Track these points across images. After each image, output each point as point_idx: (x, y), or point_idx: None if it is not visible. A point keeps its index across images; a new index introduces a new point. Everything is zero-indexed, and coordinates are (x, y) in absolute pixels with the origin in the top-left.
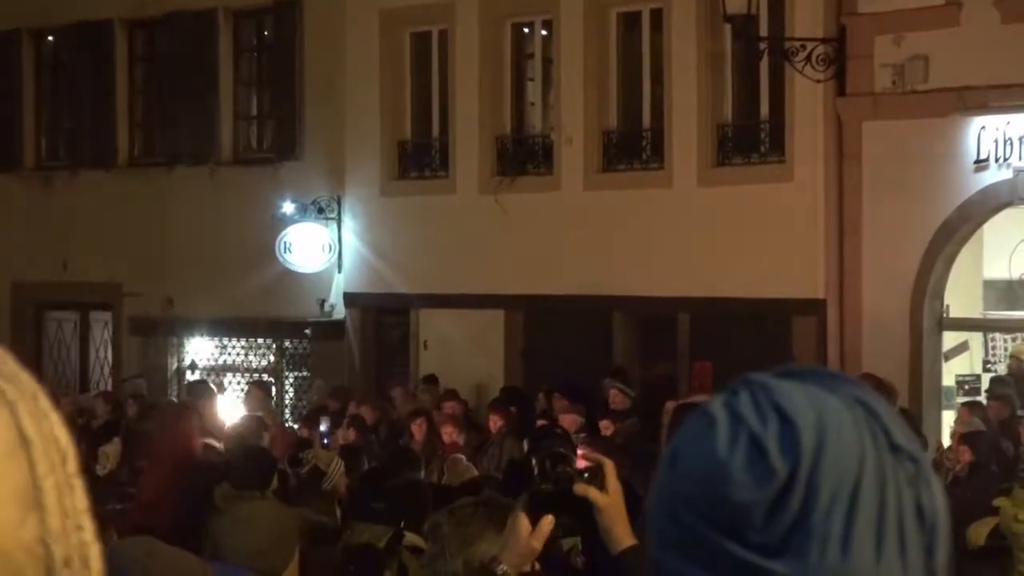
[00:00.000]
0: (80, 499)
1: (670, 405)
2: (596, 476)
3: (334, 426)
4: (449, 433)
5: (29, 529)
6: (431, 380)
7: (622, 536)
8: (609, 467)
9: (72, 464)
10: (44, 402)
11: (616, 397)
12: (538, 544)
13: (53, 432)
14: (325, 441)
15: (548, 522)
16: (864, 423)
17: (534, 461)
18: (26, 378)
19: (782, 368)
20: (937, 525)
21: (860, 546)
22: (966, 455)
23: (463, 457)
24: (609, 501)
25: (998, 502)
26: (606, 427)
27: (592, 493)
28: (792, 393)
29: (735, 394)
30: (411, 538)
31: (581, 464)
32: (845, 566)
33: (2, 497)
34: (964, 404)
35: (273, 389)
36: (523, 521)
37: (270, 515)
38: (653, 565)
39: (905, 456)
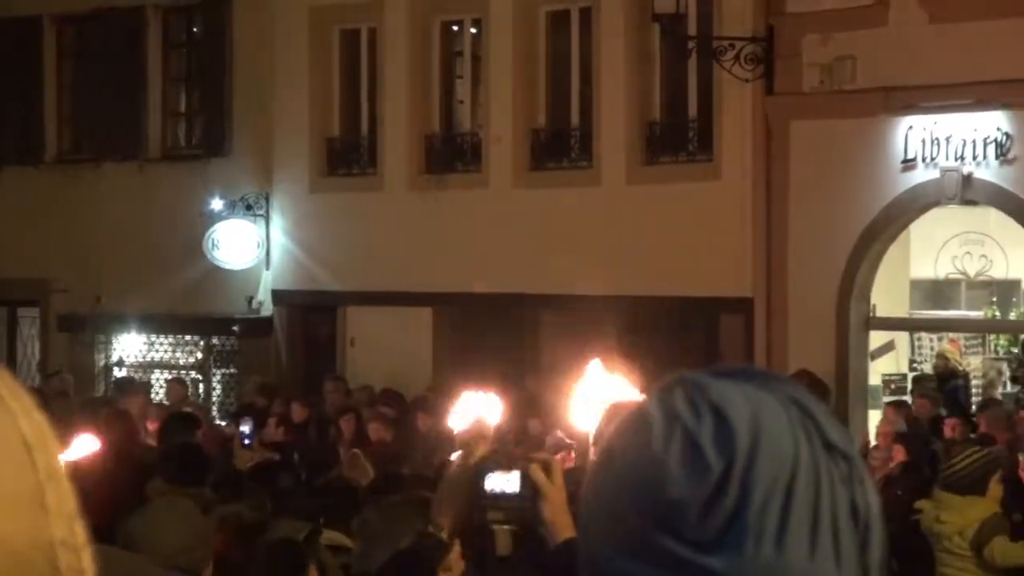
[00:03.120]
0: (72, 501)
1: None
2: (545, 469)
3: (260, 423)
4: (376, 430)
5: (42, 534)
6: (365, 388)
7: (563, 527)
8: (556, 464)
9: (60, 466)
10: (30, 401)
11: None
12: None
13: (44, 433)
14: (246, 441)
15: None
16: (798, 422)
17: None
18: (11, 377)
19: (716, 367)
20: (871, 522)
21: (794, 542)
22: (900, 454)
23: (359, 452)
24: (555, 492)
25: (919, 504)
26: (534, 427)
27: (542, 479)
28: (726, 391)
29: (669, 392)
30: (330, 536)
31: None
32: (780, 561)
33: (19, 503)
34: (890, 403)
35: (200, 386)
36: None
37: (191, 512)
38: (587, 560)
39: (839, 455)
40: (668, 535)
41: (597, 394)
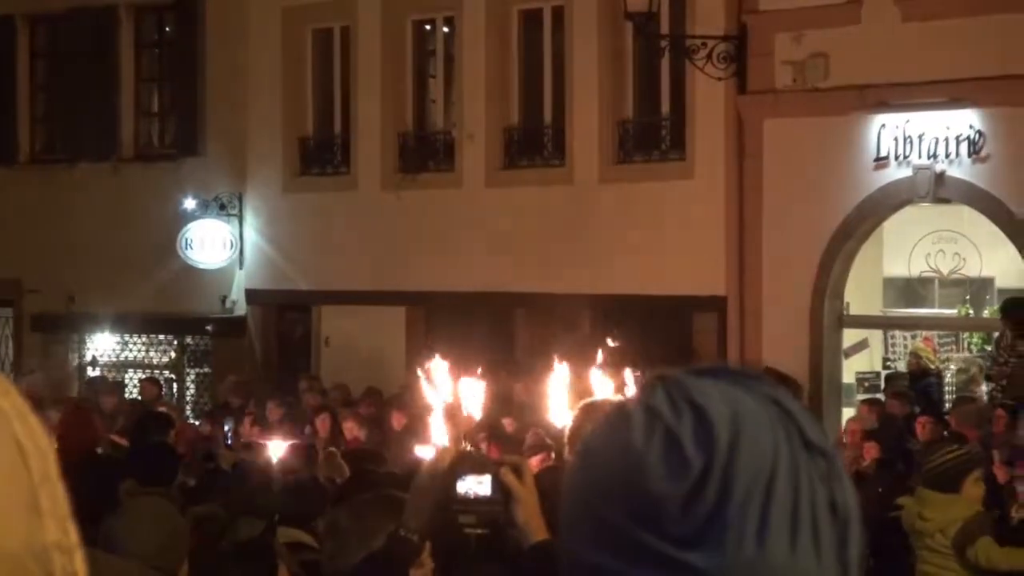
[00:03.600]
0: (65, 504)
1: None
2: (516, 472)
3: (237, 422)
4: (350, 429)
5: (36, 537)
6: (340, 386)
7: (537, 529)
8: (527, 467)
9: (55, 468)
10: (23, 404)
11: (522, 394)
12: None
13: (38, 436)
14: (228, 441)
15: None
16: (778, 420)
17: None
18: (4, 381)
19: (695, 366)
20: (849, 519)
21: (775, 538)
22: (872, 451)
23: (335, 451)
24: (527, 494)
25: (902, 500)
26: (509, 423)
27: (514, 482)
28: (706, 389)
29: (649, 390)
30: (289, 533)
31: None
32: (760, 557)
33: (12, 507)
34: (863, 401)
35: (174, 385)
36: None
37: (167, 513)
38: (566, 557)
39: (818, 452)
40: (648, 531)
41: (571, 392)
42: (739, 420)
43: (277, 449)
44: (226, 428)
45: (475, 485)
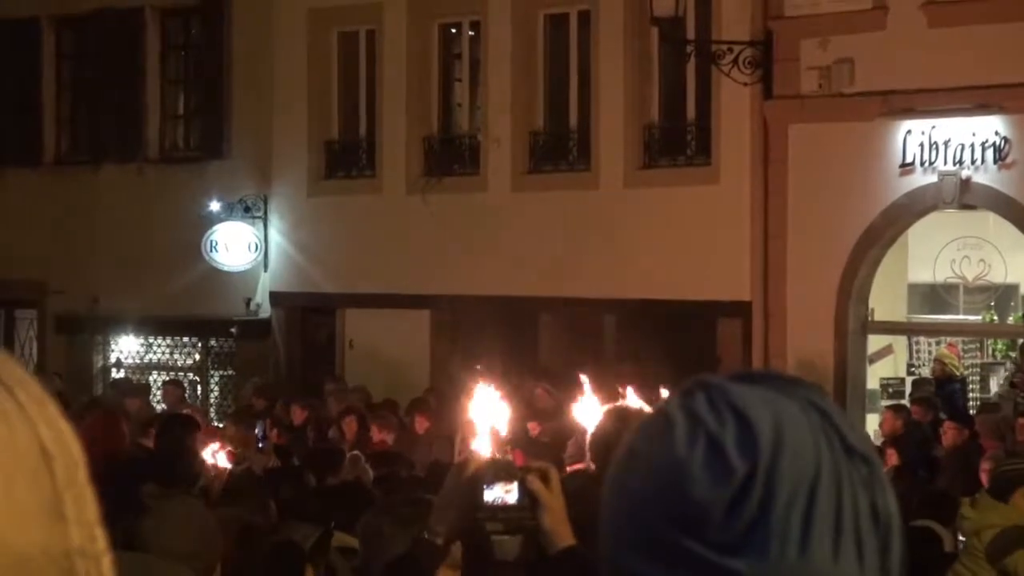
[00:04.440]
0: (93, 509)
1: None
2: (543, 478)
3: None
4: (377, 433)
5: (57, 543)
6: (360, 388)
7: (563, 536)
8: (553, 472)
9: (83, 473)
10: (53, 409)
11: (542, 398)
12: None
13: (66, 441)
14: (260, 445)
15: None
16: (819, 426)
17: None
18: (35, 385)
19: (735, 371)
20: (892, 526)
21: (818, 544)
22: (892, 458)
23: (360, 454)
24: (554, 501)
25: (965, 500)
26: (533, 428)
27: (541, 488)
28: (748, 395)
29: (691, 395)
30: (341, 538)
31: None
32: (804, 563)
33: (33, 512)
34: (888, 407)
35: (198, 388)
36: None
37: (200, 514)
38: (608, 564)
39: (859, 458)
40: (691, 538)
41: (596, 397)
42: (781, 426)
43: None
44: (257, 431)
45: (502, 492)
